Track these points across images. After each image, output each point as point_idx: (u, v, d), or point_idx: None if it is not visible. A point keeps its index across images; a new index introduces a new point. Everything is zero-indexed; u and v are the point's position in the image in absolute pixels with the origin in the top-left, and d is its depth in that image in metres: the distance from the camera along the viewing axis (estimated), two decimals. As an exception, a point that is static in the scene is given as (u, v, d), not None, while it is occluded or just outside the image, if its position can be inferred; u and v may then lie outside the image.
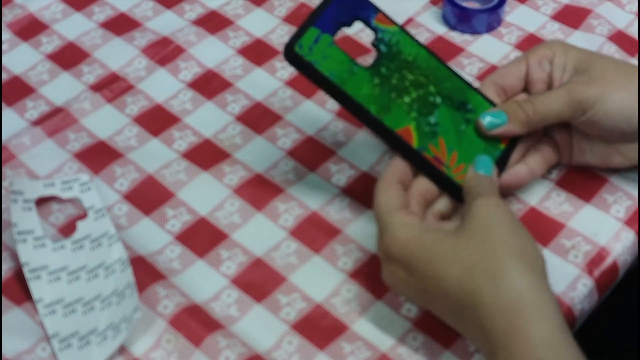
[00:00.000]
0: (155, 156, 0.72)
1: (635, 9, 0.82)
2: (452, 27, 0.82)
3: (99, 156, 0.72)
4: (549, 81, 0.66)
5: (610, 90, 0.63)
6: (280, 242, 0.67)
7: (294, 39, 0.61)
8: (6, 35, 0.81)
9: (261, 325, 0.63)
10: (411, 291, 0.58)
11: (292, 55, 0.61)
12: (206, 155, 0.72)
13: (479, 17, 0.80)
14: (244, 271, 0.65)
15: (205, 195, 0.70)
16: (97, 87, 0.77)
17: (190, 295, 0.64)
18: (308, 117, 0.75)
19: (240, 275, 0.65)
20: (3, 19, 0.82)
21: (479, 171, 0.61)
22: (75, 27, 0.82)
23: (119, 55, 0.79)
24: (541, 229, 0.67)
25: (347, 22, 0.63)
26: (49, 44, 0.81)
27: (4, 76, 0.78)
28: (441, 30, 0.81)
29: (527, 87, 0.67)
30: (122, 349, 0.61)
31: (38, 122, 0.74)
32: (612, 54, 0.78)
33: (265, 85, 0.77)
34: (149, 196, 0.70)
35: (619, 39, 0.80)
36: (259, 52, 0.80)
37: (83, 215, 0.68)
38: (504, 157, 0.65)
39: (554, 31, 0.81)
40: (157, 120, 0.75)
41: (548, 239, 0.66)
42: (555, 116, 0.63)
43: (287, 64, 0.78)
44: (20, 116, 0.75)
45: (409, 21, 0.82)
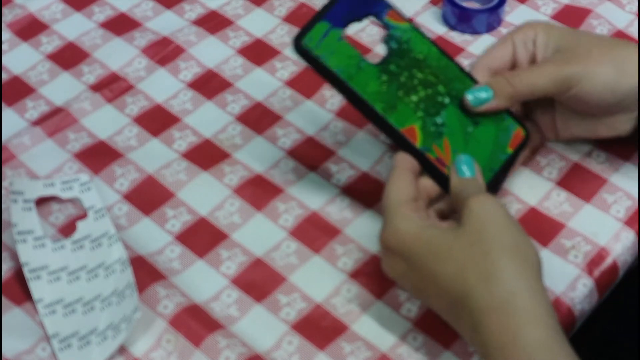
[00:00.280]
0: (155, 156, 0.72)
1: (635, 9, 0.82)
2: (452, 27, 0.82)
3: (99, 156, 0.72)
4: (532, 61, 0.66)
5: (595, 66, 0.63)
6: (280, 242, 0.67)
7: (303, 32, 0.61)
8: (6, 35, 0.81)
9: (261, 325, 0.63)
10: (409, 284, 0.59)
11: (299, 48, 0.61)
12: (206, 155, 0.72)
13: (479, 17, 0.80)
14: (244, 271, 0.65)
15: (205, 195, 0.70)
16: (97, 87, 0.77)
17: (190, 295, 0.64)
18: (308, 117, 0.75)
19: (240, 275, 0.65)
20: (3, 19, 0.82)
21: (462, 175, 0.60)
22: (75, 27, 0.82)
23: (119, 55, 0.79)
24: (541, 229, 0.67)
25: (358, 18, 0.63)
26: (49, 44, 0.81)
27: (4, 76, 0.78)
28: (441, 30, 0.81)
29: (513, 67, 0.67)
30: (122, 349, 0.61)
31: (38, 122, 0.74)
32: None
33: (265, 85, 0.77)
34: (149, 196, 0.70)
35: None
36: (259, 52, 0.80)
37: (83, 215, 0.68)
38: (509, 161, 0.64)
39: (554, 31, 0.81)
40: (157, 120, 0.75)
41: (548, 239, 0.66)
42: (541, 91, 0.64)
43: (287, 64, 0.78)
44: (20, 116, 0.75)
45: (409, 21, 0.82)
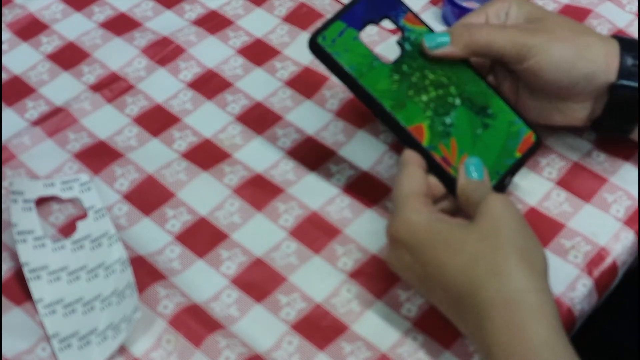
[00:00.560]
0: (155, 156, 0.72)
1: (635, 9, 0.82)
2: (452, 27, 0.81)
3: (99, 156, 0.72)
4: None
5: (555, 42, 0.63)
6: (280, 242, 0.67)
7: (319, 31, 0.62)
8: (6, 35, 0.81)
9: (261, 325, 0.63)
10: (414, 277, 0.59)
11: (314, 45, 0.62)
12: (206, 155, 0.72)
13: (479, 17, 0.80)
14: (244, 271, 0.65)
15: (205, 195, 0.70)
16: (97, 87, 0.77)
17: (190, 295, 0.64)
18: (308, 117, 0.75)
19: (240, 275, 0.65)
20: (3, 19, 0.82)
21: (471, 177, 0.61)
22: (75, 27, 0.82)
23: (119, 55, 0.79)
24: (541, 229, 0.67)
25: (375, 20, 0.64)
26: (49, 44, 0.81)
27: (4, 76, 0.78)
28: (441, 30, 0.81)
29: None
30: (122, 349, 0.61)
31: (38, 122, 0.74)
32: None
33: (265, 85, 0.77)
34: (149, 196, 0.70)
35: (619, 39, 0.80)
36: (259, 52, 0.80)
37: (83, 215, 0.68)
38: (516, 166, 0.65)
39: (554, 31, 0.81)
40: (157, 120, 0.75)
41: (548, 239, 0.66)
42: (497, 50, 0.64)
43: (287, 64, 0.78)
44: (20, 116, 0.75)
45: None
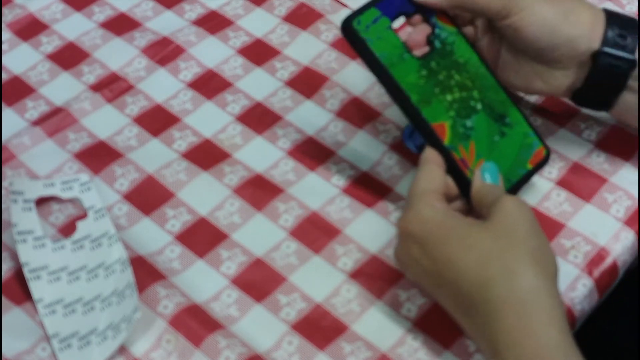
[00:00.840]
0: (155, 156, 0.72)
1: (635, 9, 0.82)
2: (452, 27, 0.81)
3: (99, 156, 0.72)
4: None
5: (541, 3, 0.63)
6: (280, 242, 0.67)
7: (354, 14, 0.62)
8: (6, 35, 0.81)
9: (261, 325, 0.63)
10: (422, 273, 0.58)
11: (348, 29, 0.62)
12: (206, 155, 0.72)
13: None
14: (244, 271, 0.65)
15: (205, 195, 0.70)
16: (97, 87, 0.77)
17: (190, 295, 0.64)
18: (308, 117, 0.75)
19: (240, 275, 0.65)
20: (3, 19, 0.82)
21: (488, 180, 0.61)
22: (75, 27, 0.82)
23: (119, 55, 0.79)
24: (541, 228, 0.67)
25: (407, 12, 0.64)
26: (49, 44, 0.81)
27: (4, 76, 0.78)
28: None
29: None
30: (122, 349, 0.61)
31: (38, 122, 0.74)
32: (612, 54, 0.78)
33: (265, 85, 0.77)
34: (149, 196, 0.70)
35: (619, 39, 0.80)
36: (259, 52, 0.80)
37: (83, 215, 0.68)
38: (526, 177, 0.65)
39: (554, 31, 0.81)
40: (157, 120, 0.75)
41: (548, 239, 0.66)
42: (482, 4, 0.63)
43: (287, 64, 0.78)
44: (20, 116, 0.75)
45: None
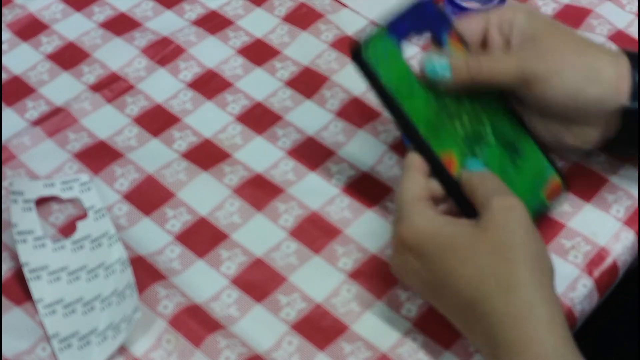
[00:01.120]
0: (155, 156, 0.72)
1: (635, 9, 0.82)
2: (452, 27, 0.81)
3: (99, 156, 0.72)
4: (506, 45, 0.64)
5: (561, 67, 0.61)
6: (280, 242, 0.67)
7: (364, 44, 0.61)
8: (6, 35, 0.81)
9: (261, 325, 0.63)
10: (420, 283, 0.58)
11: (360, 60, 0.61)
12: (206, 155, 0.72)
13: (479, 17, 0.80)
14: (244, 271, 0.65)
15: (205, 195, 0.70)
16: (97, 87, 0.77)
17: (190, 295, 0.64)
18: (308, 117, 0.75)
19: (240, 276, 0.65)
20: (3, 19, 0.82)
21: (473, 169, 0.61)
22: (75, 27, 0.82)
23: (119, 55, 0.79)
24: (541, 229, 0.66)
25: (419, 31, 0.63)
26: (49, 44, 0.81)
27: (4, 76, 0.78)
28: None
29: (483, 44, 0.66)
30: (122, 349, 0.61)
31: (38, 122, 0.74)
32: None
33: (265, 85, 0.77)
34: (149, 196, 0.70)
35: (619, 39, 0.80)
36: (259, 52, 0.80)
37: (83, 215, 0.68)
38: (544, 210, 0.65)
39: (554, 31, 0.81)
40: (157, 120, 0.75)
41: (548, 239, 0.66)
42: (498, 83, 0.62)
43: (287, 64, 0.78)
44: (20, 116, 0.75)
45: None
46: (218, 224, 0.68)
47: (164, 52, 0.79)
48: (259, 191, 0.70)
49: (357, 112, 0.75)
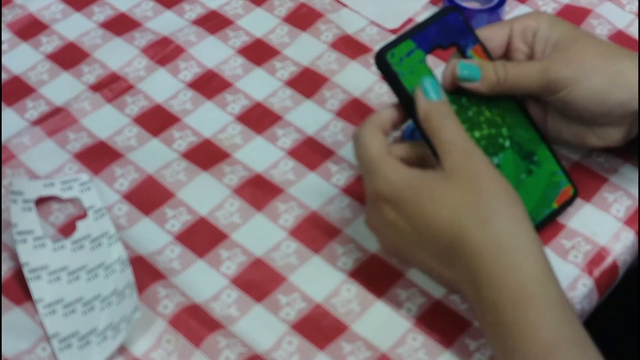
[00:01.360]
0: (155, 156, 0.72)
1: (635, 9, 0.82)
2: (452, 27, 0.81)
3: (99, 156, 0.72)
4: (529, 52, 0.65)
5: (585, 73, 0.62)
6: (280, 242, 0.67)
7: (389, 46, 0.61)
8: (6, 35, 0.81)
9: (261, 325, 0.63)
10: (399, 234, 0.59)
11: (382, 61, 0.61)
12: (206, 155, 0.72)
13: (479, 17, 0.80)
14: (244, 271, 0.65)
15: (205, 195, 0.70)
16: (97, 87, 0.77)
17: (190, 295, 0.64)
18: (308, 117, 0.75)
19: (240, 275, 0.65)
20: (3, 19, 0.82)
21: (429, 98, 0.60)
22: (75, 27, 0.82)
23: (119, 55, 0.79)
24: (541, 229, 0.67)
25: (444, 45, 0.63)
26: (49, 44, 0.81)
27: (4, 76, 0.78)
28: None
29: (507, 54, 0.66)
30: (122, 349, 0.61)
31: (38, 122, 0.74)
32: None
33: (265, 85, 0.77)
34: (148, 196, 0.70)
35: (619, 39, 0.80)
36: (259, 52, 0.80)
37: (83, 215, 0.68)
38: (551, 216, 0.65)
39: (554, 31, 0.81)
40: (157, 120, 0.75)
41: (548, 239, 0.66)
42: (524, 89, 0.63)
43: (287, 64, 0.78)
44: (20, 116, 0.75)
45: (409, 21, 0.82)
46: (218, 224, 0.68)
47: (164, 52, 0.79)
48: (259, 191, 0.70)
49: (357, 112, 0.75)
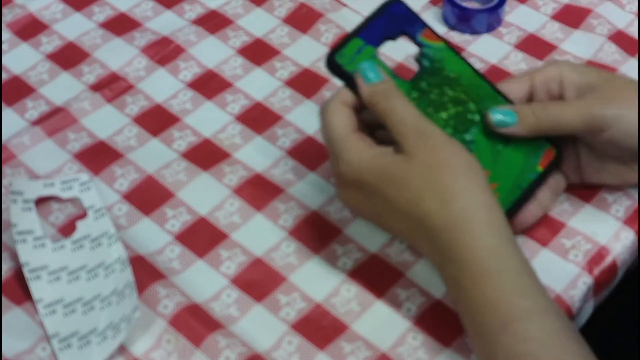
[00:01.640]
0: (155, 156, 0.72)
1: (635, 9, 0.82)
2: (452, 27, 0.82)
3: (98, 157, 0.72)
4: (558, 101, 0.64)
5: (629, 110, 0.61)
6: (280, 242, 0.67)
7: (337, 49, 0.61)
8: (6, 35, 0.81)
9: (261, 325, 0.63)
10: (367, 213, 0.61)
11: (333, 64, 0.61)
12: (206, 155, 0.72)
13: (478, 17, 0.80)
14: (244, 271, 0.65)
15: (205, 195, 0.70)
16: (97, 87, 0.77)
17: (190, 295, 0.64)
18: (308, 117, 0.75)
19: (240, 275, 0.65)
20: (3, 19, 0.82)
21: (370, 82, 0.60)
22: (75, 27, 0.82)
23: (119, 55, 0.79)
24: (541, 228, 0.67)
25: (392, 36, 0.63)
26: (49, 44, 0.81)
27: (4, 76, 0.78)
28: (441, 30, 0.81)
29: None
30: (122, 349, 0.61)
31: (38, 122, 0.74)
32: (612, 53, 0.78)
33: (265, 85, 0.77)
34: (148, 196, 0.70)
35: (619, 38, 0.80)
36: (258, 52, 0.80)
37: (83, 215, 0.68)
38: (540, 179, 0.64)
39: (554, 31, 0.81)
40: (157, 120, 0.75)
41: (548, 238, 0.66)
42: (568, 127, 0.62)
43: (286, 64, 0.78)
44: (20, 116, 0.75)
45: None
46: (218, 223, 0.68)
47: (163, 52, 0.79)
48: (259, 191, 0.70)
49: (357, 112, 0.75)
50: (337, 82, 0.76)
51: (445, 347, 0.61)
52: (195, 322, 0.62)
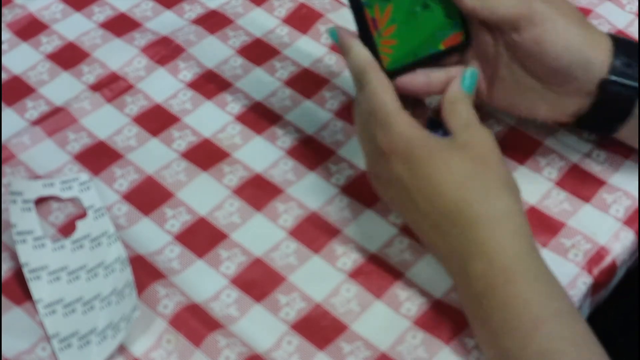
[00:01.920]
0: (154, 156, 0.72)
1: (635, 9, 0.82)
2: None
3: (98, 157, 0.72)
4: None
5: (563, 17, 0.62)
6: (279, 242, 0.67)
7: None
8: (6, 35, 0.81)
9: (261, 325, 0.63)
10: (401, 189, 0.60)
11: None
12: (206, 155, 0.72)
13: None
14: (244, 271, 0.65)
15: (204, 195, 0.70)
16: (97, 87, 0.77)
17: (190, 295, 0.64)
18: (308, 117, 0.75)
19: (240, 275, 0.65)
20: (3, 19, 0.82)
21: (464, 86, 0.63)
22: (75, 27, 0.82)
23: (118, 55, 0.79)
24: (541, 227, 0.67)
25: None
26: (49, 44, 0.81)
27: (4, 76, 0.78)
28: None
29: None
30: (122, 349, 0.61)
31: (38, 122, 0.74)
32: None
33: (264, 85, 0.77)
34: (148, 196, 0.70)
35: (618, 38, 0.80)
36: (258, 52, 0.80)
37: (82, 215, 0.68)
38: (436, 56, 0.64)
39: (554, 31, 0.81)
40: (157, 120, 0.75)
41: (548, 238, 0.66)
42: (503, 11, 0.62)
43: (286, 64, 0.78)
44: (20, 116, 0.75)
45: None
46: (217, 223, 0.68)
47: (163, 52, 0.79)
48: (259, 191, 0.70)
49: (356, 112, 0.75)
50: (338, 82, 0.77)
51: (445, 345, 0.61)
52: (195, 322, 0.62)
